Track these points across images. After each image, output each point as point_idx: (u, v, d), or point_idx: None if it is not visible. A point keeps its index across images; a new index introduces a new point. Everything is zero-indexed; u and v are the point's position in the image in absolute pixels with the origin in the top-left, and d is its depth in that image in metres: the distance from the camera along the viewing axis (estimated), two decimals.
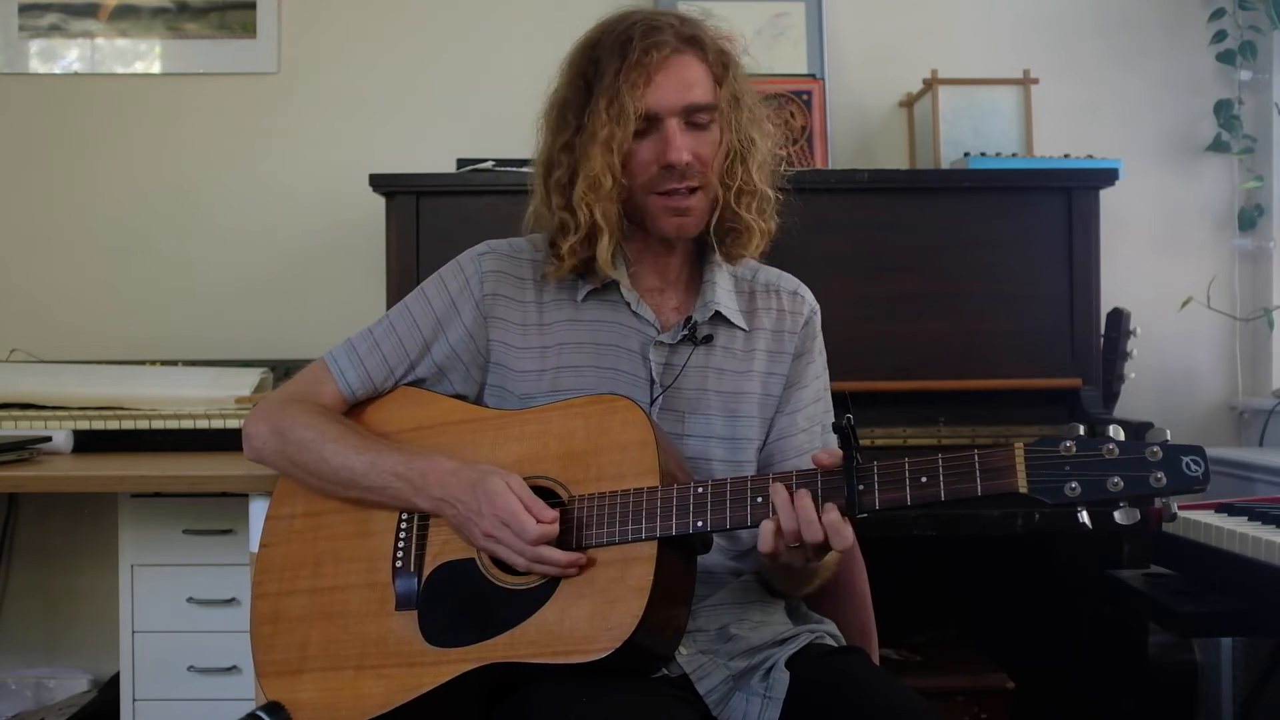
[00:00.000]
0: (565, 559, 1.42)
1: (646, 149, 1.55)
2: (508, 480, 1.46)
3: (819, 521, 1.37)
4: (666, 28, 1.56)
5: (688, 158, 1.54)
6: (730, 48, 1.61)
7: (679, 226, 1.59)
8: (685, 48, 1.56)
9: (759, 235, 1.61)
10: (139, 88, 3.05)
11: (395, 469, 1.53)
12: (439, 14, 3.03)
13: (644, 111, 1.53)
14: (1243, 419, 3.01)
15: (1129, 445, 1.31)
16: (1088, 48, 3.02)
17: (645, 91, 1.53)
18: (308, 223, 3.01)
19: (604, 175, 1.53)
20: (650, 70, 1.53)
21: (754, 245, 1.62)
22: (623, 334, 1.62)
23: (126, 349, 2.91)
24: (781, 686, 1.47)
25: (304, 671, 1.53)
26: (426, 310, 1.65)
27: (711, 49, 1.58)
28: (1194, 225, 3.03)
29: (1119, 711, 2.44)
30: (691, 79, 1.55)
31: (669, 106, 1.54)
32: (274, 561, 1.61)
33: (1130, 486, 1.30)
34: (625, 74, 1.52)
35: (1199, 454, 1.30)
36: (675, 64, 1.55)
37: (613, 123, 1.52)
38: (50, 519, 2.97)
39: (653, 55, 1.53)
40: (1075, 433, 1.33)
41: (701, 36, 1.58)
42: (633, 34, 1.54)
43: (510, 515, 1.43)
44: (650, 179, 1.56)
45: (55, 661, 2.95)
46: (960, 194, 2.58)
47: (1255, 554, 1.85)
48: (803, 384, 1.68)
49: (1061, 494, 1.31)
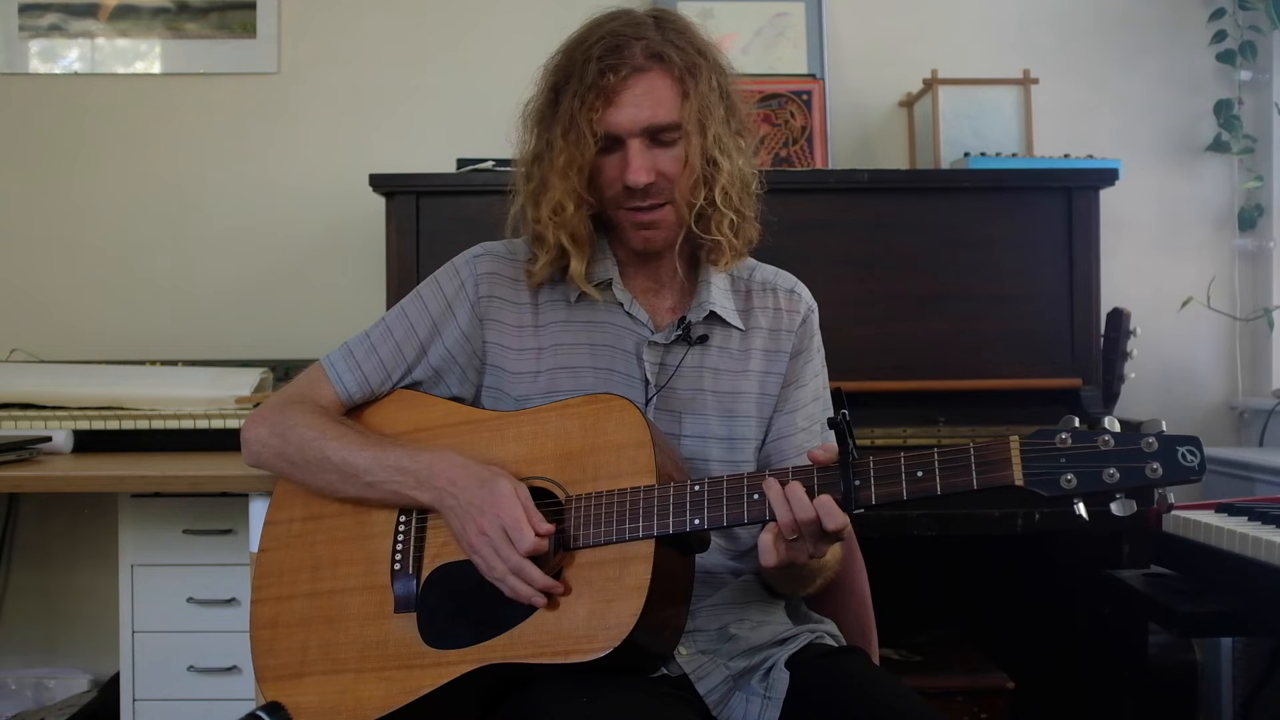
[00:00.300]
0: (542, 582, 1.41)
1: (613, 166, 1.55)
2: (516, 486, 1.46)
3: (810, 502, 1.36)
4: (633, 43, 1.53)
5: (646, 179, 1.53)
6: (708, 59, 1.57)
7: (646, 240, 1.59)
8: (650, 64, 1.53)
9: (729, 252, 1.59)
10: (139, 88, 3.05)
11: (399, 463, 1.53)
12: (439, 14, 3.04)
13: (604, 132, 1.52)
14: (1243, 419, 3.01)
15: (1124, 436, 1.30)
16: (1088, 48, 3.02)
17: (605, 113, 1.52)
18: (308, 223, 3.01)
19: (566, 200, 1.54)
20: (609, 91, 1.51)
21: (723, 261, 1.60)
22: (617, 335, 1.62)
23: (126, 349, 2.92)
24: (781, 686, 1.47)
25: (304, 676, 1.53)
26: (422, 313, 1.65)
27: (680, 64, 1.54)
28: (1194, 225, 3.03)
29: (1119, 711, 2.44)
30: (653, 99, 1.53)
31: (628, 127, 1.52)
32: (273, 566, 1.61)
33: (1126, 478, 1.29)
34: (583, 96, 1.52)
35: (1195, 444, 1.29)
36: (636, 83, 1.52)
37: (571, 147, 1.52)
38: (50, 519, 2.98)
39: (609, 78, 1.51)
40: (1071, 425, 1.33)
41: (667, 52, 1.53)
42: (594, 53, 1.53)
43: (513, 521, 1.43)
44: (616, 195, 1.56)
45: (55, 661, 2.95)
46: (960, 194, 2.58)
47: (1255, 554, 1.85)
48: (801, 383, 1.68)
49: (1057, 486, 1.30)
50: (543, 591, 1.42)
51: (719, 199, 1.56)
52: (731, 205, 1.57)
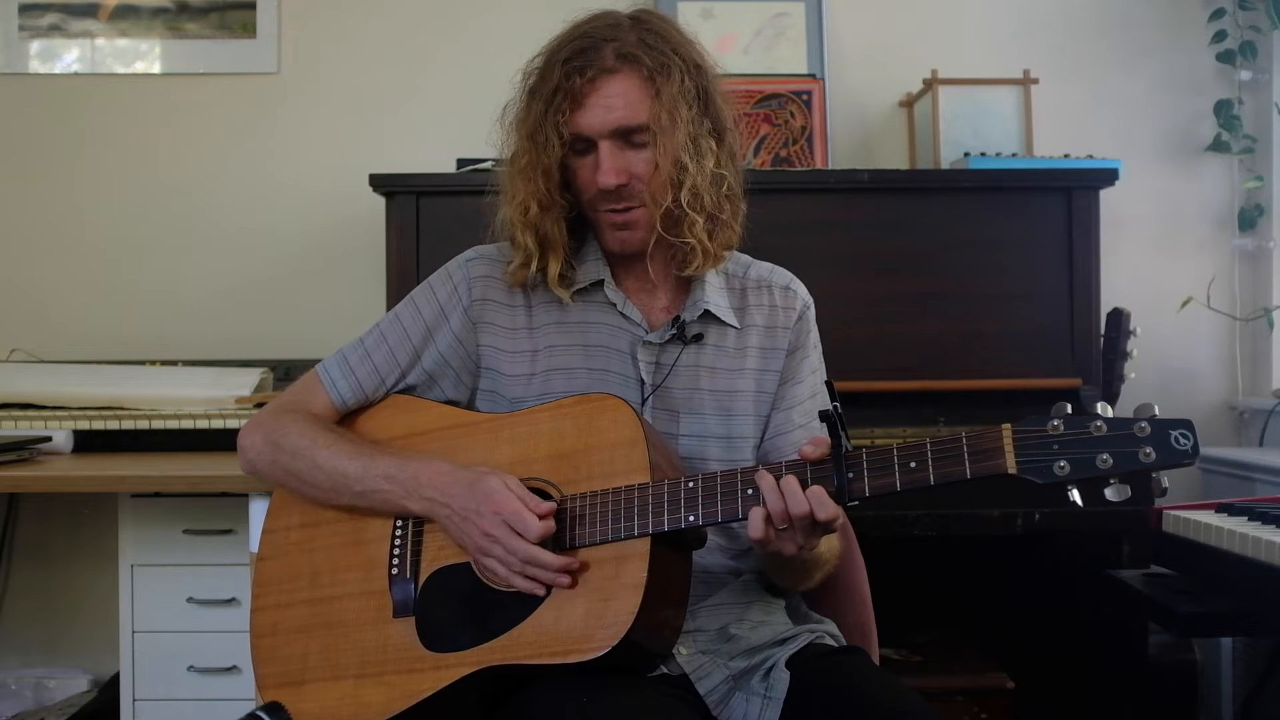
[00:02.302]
0: (558, 563, 1.41)
1: (586, 168, 1.56)
2: (505, 480, 1.46)
3: (803, 494, 1.37)
4: (604, 45, 1.53)
5: (616, 181, 1.53)
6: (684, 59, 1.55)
7: (621, 241, 1.60)
8: (619, 66, 1.53)
9: (701, 256, 1.57)
10: (139, 88, 3.05)
11: (388, 472, 1.53)
12: (439, 14, 3.03)
13: (573, 135, 1.53)
14: (1243, 419, 3.01)
15: (1117, 422, 1.30)
16: (1088, 48, 3.02)
17: (573, 115, 1.52)
18: (308, 223, 3.01)
19: (529, 201, 1.55)
20: (577, 94, 1.52)
21: (695, 265, 1.58)
22: (611, 335, 1.63)
23: (126, 349, 2.91)
24: (782, 686, 1.47)
25: (305, 682, 1.53)
26: (416, 318, 1.65)
27: (650, 64, 1.53)
28: (1194, 225, 3.03)
29: (1119, 711, 2.44)
30: (623, 100, 1.52)
31: (597, 129, 1.53)
32: (272, 574, 1.62)
33: (1120, 463, 1.29)
34: (549, 99, 1.53)
35: (1187, 427, 1.29)
36: (605, 85, 1.53)
37: (535, 150, 1.53)
38: (50, 519, 2.97)
39: (575, 80, 1.52)
40: (1063, 412, 1.32)
41: (637, 53, 1.53)
42: (563, 55, 1.54)
43: (512, 513, 1.42)
44: (592, 197, 1.57)
45: (55, 661, 2.95)
46: (960, 194, 2.58)
47: (1255, 554, 1.85)
48: (798, 379, 1.68)
49: (1051, 473, 1.30)
50: (564, 571, 1.41)
51: (686, 201, 1.54)
52: (701, 208, 1.55)
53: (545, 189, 1.54)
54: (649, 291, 1.66)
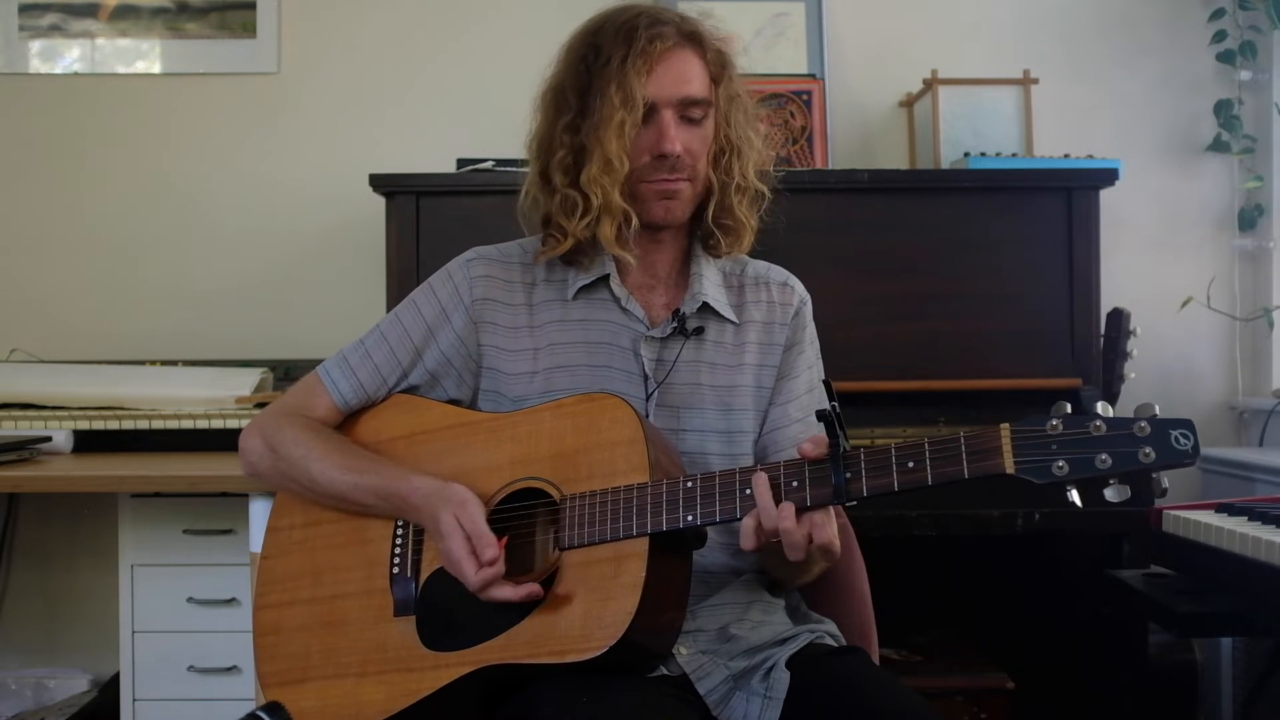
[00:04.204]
0: (516, 595, 1.42)
1: (643, 137, 1.57)
2: (460, 515, 1.45)
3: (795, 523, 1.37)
4: (669, 22, 1.59)
5: (679, 149, 1.57)
6: (728, 49, 1.64)
7: (667, 210, 1.61)
8: (685, 43, 1.59)
9: (750, 232, 1.65)
10: (139, 88, 3.05)
11: (375, 488, 1.55)
12: (439, 13, 3.03)
13: (644, 100, 1.55)
14: (1243, 419, 3.01)
15: (1116, 421, 1.29)
16: (1088, 48, 3.02)
17: (646, 80, 1.56)
18: (308, 223, 3.01)
19: (617, 158, 1.55)
20: (652, 60, 1.56)
21: (745, 243, 1.66)
22: (614, 331, 1.63)
23: (126, 349, 2.91)
24: (782, 686, 1.47)
25: (306, 681, 1.54)
26: (416, 319, 1.65)
27: (710, 48, 1.62)
28: (1194, 225, 3.03)
29: (1119, 711, 2.44)
30: (690, 73, 1.58)
31: (666, 98, 1.57)
32: (275, 573, 1.62)
33: (1119, 463, 1.28)
34: (632, 61, 1.55)
35: (1188, 427, 1.28)
36: (675, 57, 1.58)
37: (623, 108, 1.55)
38: (50, 519, 2.97)
39: (656, 45, 1.56)
40: (1062, 411, 1.31)
41: (702, 34, 1.61)
42: (638, 24, 1.58)
43: (454, 562, 1.44)
44: (642, 166, 1.58)
45: (55, 661, 2.95)
46: (960, 194, 2.58)
47: (1255, 554, 1.85)
48: (794, 375, 1.69)
49: (1049, 473, 1.29)
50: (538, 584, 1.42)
51: (736, 181, 1.62)
52: (746, 188, 1.63)
53: (628, 147, 1.56)
54: (650, 289, 1.66)
